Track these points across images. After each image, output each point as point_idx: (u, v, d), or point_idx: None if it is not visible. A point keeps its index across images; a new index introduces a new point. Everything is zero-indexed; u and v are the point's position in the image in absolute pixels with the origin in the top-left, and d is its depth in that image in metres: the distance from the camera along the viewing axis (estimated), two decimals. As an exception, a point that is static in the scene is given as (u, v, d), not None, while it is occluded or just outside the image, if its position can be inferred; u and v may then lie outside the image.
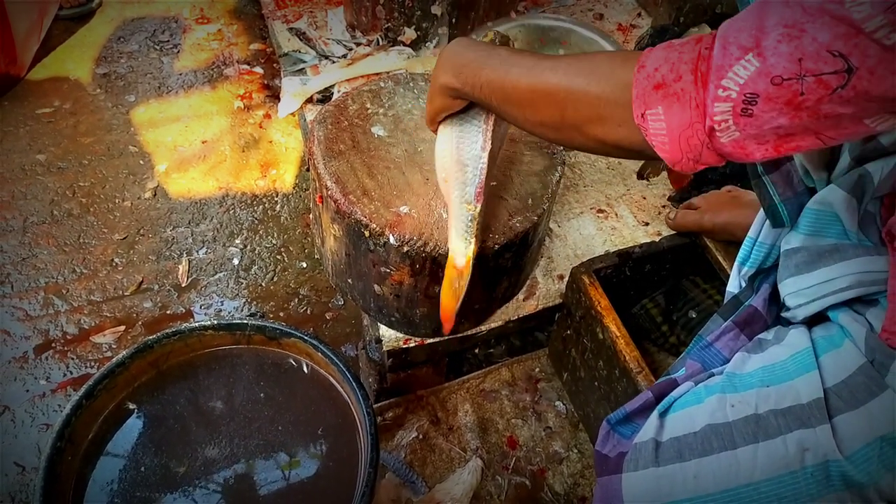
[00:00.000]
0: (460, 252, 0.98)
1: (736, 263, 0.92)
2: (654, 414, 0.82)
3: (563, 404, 1.44)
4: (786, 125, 0.54)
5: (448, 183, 0.98)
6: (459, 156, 0.95)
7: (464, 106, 0.94)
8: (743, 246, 0.90)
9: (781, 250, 0.82)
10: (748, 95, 0.54)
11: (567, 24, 1.79)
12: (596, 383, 1.27)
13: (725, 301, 0.93)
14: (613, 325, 1.18)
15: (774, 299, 0.88)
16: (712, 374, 0.84)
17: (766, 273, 0.90)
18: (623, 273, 1.33)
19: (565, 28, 1.80)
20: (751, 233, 0.89)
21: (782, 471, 0.70)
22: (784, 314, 0.84)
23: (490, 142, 0.96)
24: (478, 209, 0.95)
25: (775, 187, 0.79)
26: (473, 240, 0.97)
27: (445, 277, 1.02)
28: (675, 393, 0.84)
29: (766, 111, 0.53)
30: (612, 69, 0.66)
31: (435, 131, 1.01)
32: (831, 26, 0.48)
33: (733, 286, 0.94)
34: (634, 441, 0.82)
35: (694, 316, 1.35)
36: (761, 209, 0.86)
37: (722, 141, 0.58)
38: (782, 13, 0.52)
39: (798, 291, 0.78)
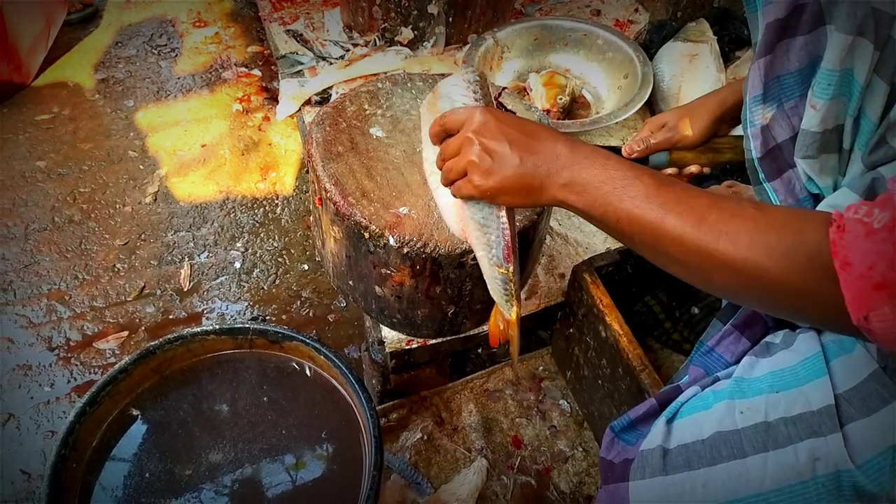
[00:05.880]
0: (504, 309, 0.89)
1: None
2: (661, 420, 0.81)
3: (568, 403, 1.44)
4: None
5: (468, 235, 0.84)
6: (472, 214, 0.80)
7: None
8: None
9: None
10: None
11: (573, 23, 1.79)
12: (600, 381, 1.27)
13: (723, 305, 0.92)
14: (616, 322, 1.18)
15: None
16: (717, 379, 0.83)
17: None
18: (625, 270, 1.33)
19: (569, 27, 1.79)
20: None
21: (793, 481, 0.69)
22: None
23: None
24: (511, 269, 0.82)
25: (776, 194, 0.78)
26: (515, 301, 0.86)
27: (494, 311, 0.96)
28: (681, 398, 0.83)
29: None
30: (798, 253, 0.58)
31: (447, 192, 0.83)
32: None
33: None
34: (641, 448, 0.81)
35: (696, 312, 1.35)
36: None
37: None
38: None
39: None
